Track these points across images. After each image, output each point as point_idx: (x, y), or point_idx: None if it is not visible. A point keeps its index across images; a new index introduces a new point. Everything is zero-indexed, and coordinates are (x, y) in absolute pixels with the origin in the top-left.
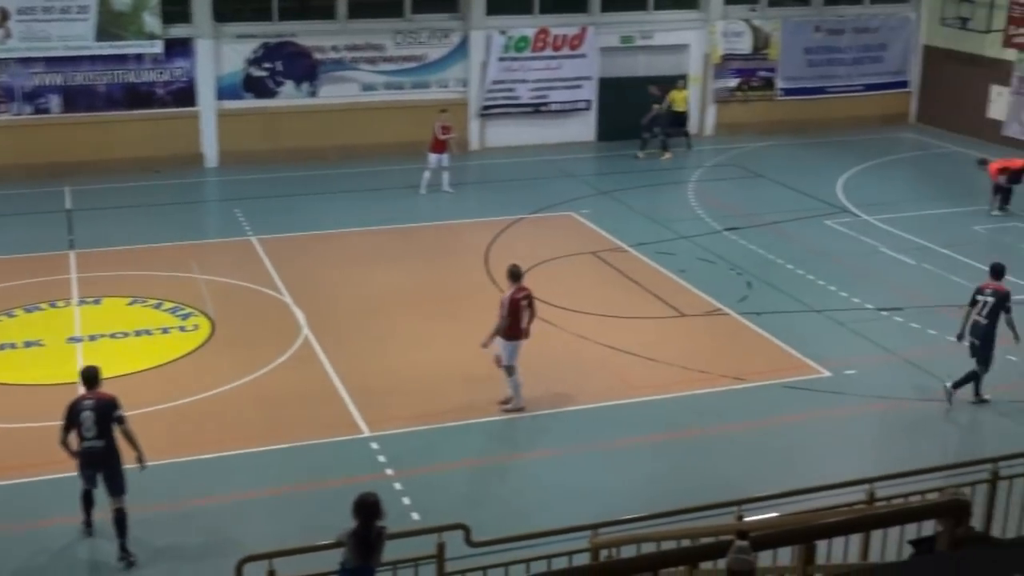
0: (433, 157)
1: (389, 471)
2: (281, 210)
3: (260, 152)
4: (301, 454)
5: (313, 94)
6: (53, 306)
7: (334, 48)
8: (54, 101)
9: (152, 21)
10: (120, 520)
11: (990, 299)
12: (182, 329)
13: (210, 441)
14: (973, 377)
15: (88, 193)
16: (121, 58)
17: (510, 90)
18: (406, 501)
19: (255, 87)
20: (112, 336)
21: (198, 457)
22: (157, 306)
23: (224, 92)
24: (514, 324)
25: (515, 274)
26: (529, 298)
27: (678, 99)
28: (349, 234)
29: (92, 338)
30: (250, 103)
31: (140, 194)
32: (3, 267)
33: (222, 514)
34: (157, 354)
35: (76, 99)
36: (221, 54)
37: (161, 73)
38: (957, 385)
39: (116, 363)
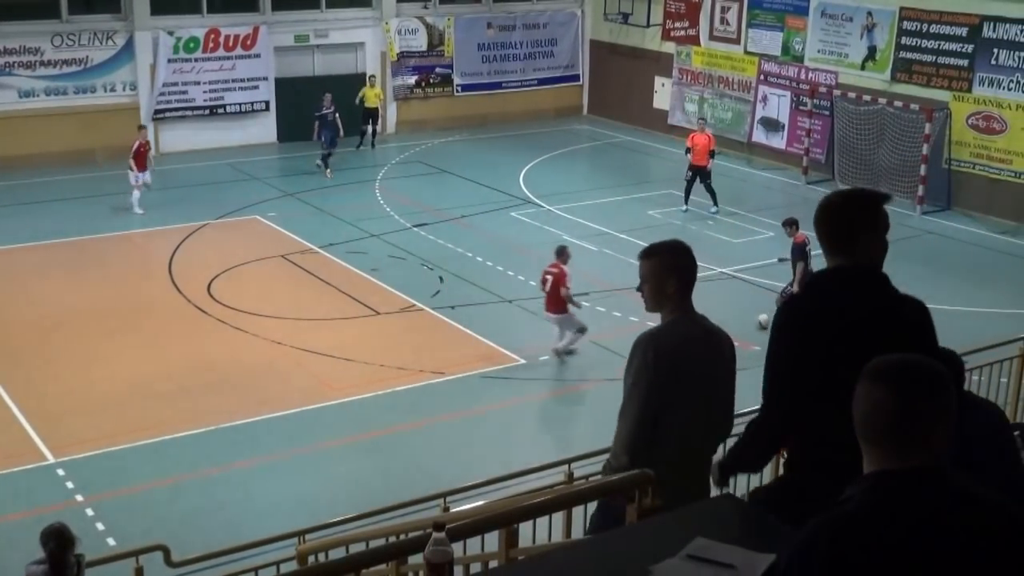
0: (136, 175)
1: (79, 496)
2: None
3: None
4: None
5: None
6: None
7: None
8: None
9: None
10: None
11: None
12: None
13: None
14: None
15: None
16: None
17: (183, 92)
18: (100, 527)
19: None
20: None
21: None
22: None
23: None
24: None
25: (559, 251)
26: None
27: (370, 95)
28: (17, 249)
29: None
30: None
31: None
32: None
33: None
34: None
35: None
36: None
37: None
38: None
39: None
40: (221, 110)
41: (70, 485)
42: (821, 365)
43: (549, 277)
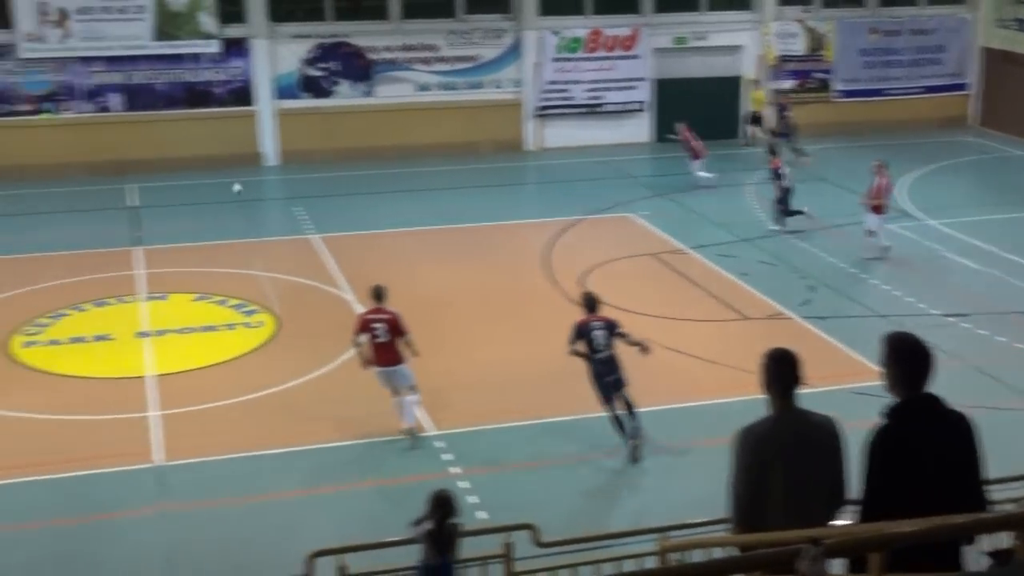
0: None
1: (454, 469)
2: (341, 209)
3: (318, 151)
4: (367, 451)
5: (369, 94)
6: (121, 301)
7: (388, 48)
8: (114, 100)
9: (208, 21)
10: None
11: None
12: (247, 325)
13: (278, 436)
14: None
15: (151, 190)
16: (178, 58)
17: (564, 91)
18: (472, 500)
19: (312, 87)
20: (179, 331)
21: (266, 452)
22: (222, 302)
23: (282, 92)
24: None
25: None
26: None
27: (756, 98)
28: (408, 233)
29: (159, 333)
30: (307, 102)
31: (201, 192)
32: (69, 262)
33: (290, 509)
34: (224, 350)
35: (136, 98)
36: (277, 54)
37: (218, 72)
38: None
39: (183, 358)
40: (599, 109)
41: (448, 457)
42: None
43: (380, 325)
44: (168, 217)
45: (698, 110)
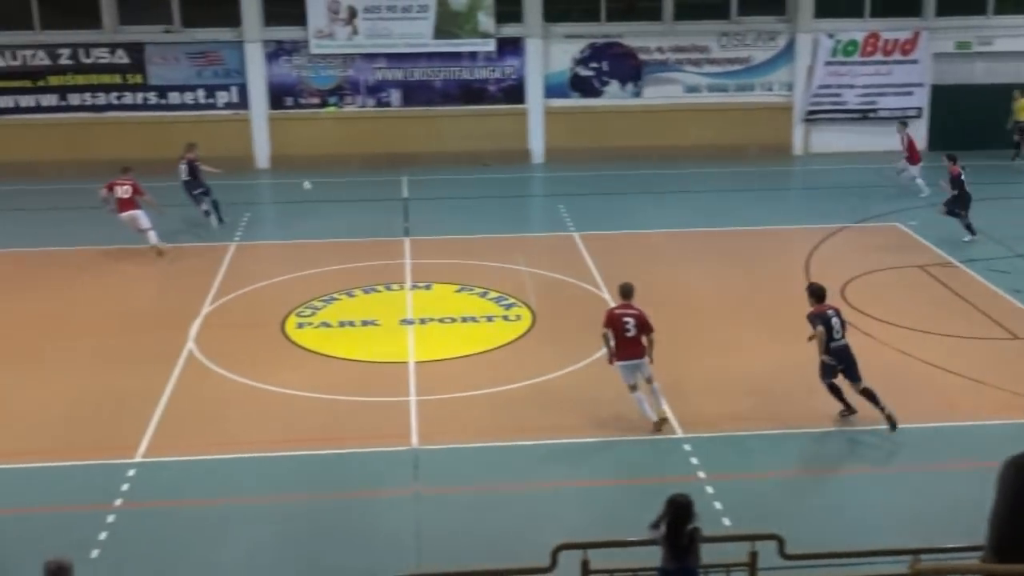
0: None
1: (701, 474)
2: (602, 208)
3: (583, 150)
4: (615, 448)
5: (637, 94)
6: (388, 288)
7: (659, 49)
8: (394, 95)
9: (486, 20)
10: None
11: None
12: (505, 318)
13: (529, 428)
14: None
15: (422, 183)
16: (456, 55)
17: (836, 95)
18: (717, 506)
19: (581, 86)
20: (440, 321)
21: (516, 443)
22: (483, 295)
23: (551, 90)
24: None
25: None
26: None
27: (1020, 108)
28: (668, 234)
29: (423, 321)
30: (576, 102)
31: (470, 186)
32: (346, 249)
33: (535, 500)
34: (481, 341)
35: (414, 94)
36: (550, 53)
37: (493, 71)
38: None
39: (443, 347)
40: (872, 114)
41: (694, 460)
42: None
43: (630, 319)
44: (435, 210)
45: (976, 118)
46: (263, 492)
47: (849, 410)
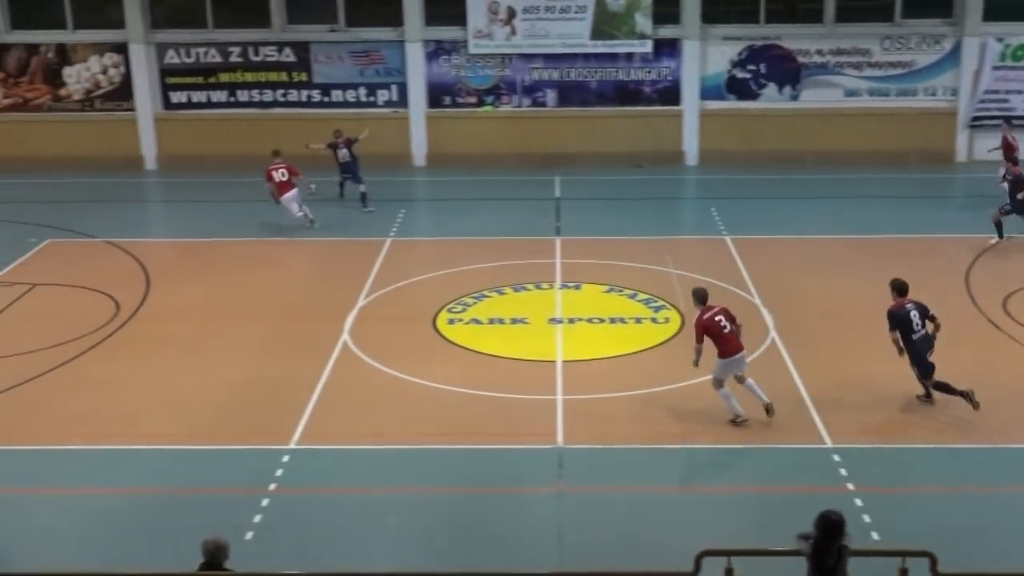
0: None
1: (850, 485)
2: (756, 212)
3: (738, 153)
4: (761, 456)
5: (795, 98)
6: (538, 287)
7: (819, 52)
8: (550, 95)
9: (643, 21)
10: None
11: None
12: (654, 321)
13: (672, 432)
14: None
15: (575, 183)
16: (612, 56)
17: (1004, 101)
18: (866, 519)
19: (737, 89)
20: (589, 321)
21: (664, 446)
22: (632, 296)
23: (707, 92)
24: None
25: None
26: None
27: None
28: (822, 240)
29: (571, 321)
30: (732, 104)
31: (622, 187)
32: (497, 247)
33: (678, 504)
34: (629, 342)
35: (569, 94)
36: (706, 55)
37: (649, 72)
38: None
39: (591, 347)
40: None
41: (843, 472)
42: None
43: (720, 317)
44: (586, 210)
45: None
46: (409, 483)
47: (931, 399)
